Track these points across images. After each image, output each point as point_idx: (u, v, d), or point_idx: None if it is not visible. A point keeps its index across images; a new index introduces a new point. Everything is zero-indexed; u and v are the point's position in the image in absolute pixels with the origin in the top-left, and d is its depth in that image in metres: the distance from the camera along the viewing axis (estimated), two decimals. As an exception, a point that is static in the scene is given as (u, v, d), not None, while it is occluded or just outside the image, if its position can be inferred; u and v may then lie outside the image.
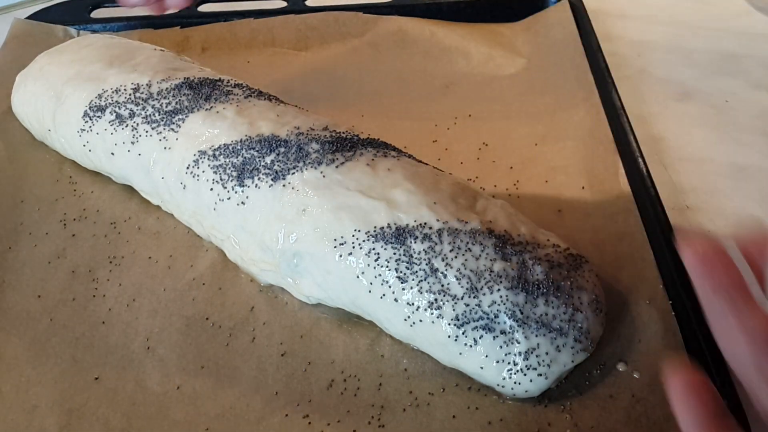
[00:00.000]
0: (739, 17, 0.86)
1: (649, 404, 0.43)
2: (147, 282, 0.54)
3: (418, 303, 0.44)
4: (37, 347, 0.50)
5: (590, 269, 0.47)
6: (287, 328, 0.50)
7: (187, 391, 0.46)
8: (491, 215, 0.48)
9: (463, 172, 0.61)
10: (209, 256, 0.55)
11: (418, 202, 0.47)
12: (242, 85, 0.60)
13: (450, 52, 0.78)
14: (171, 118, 0.56)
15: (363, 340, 0.49)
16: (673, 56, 0.80)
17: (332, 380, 0.47)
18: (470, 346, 0.43)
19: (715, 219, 0.59)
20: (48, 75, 0.63)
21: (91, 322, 0.51)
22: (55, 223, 0.59)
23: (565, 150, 0.63)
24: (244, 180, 0.51)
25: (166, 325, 0.51)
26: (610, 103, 0.65)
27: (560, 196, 0.59)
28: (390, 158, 0.51)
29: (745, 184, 0.62)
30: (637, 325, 0.47)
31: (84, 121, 0.59)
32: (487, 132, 0.67)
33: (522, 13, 0.81)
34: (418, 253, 0.45)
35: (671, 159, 0.65)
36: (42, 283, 0.54)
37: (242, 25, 0.81)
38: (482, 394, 0.45)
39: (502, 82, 0.73)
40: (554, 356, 0.43)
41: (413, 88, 0.74)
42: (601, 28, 0.78)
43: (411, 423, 0.44)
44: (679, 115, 0.71)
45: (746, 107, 0.72)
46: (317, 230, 0.47)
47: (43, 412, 0.46)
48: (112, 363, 0.48)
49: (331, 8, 0.81)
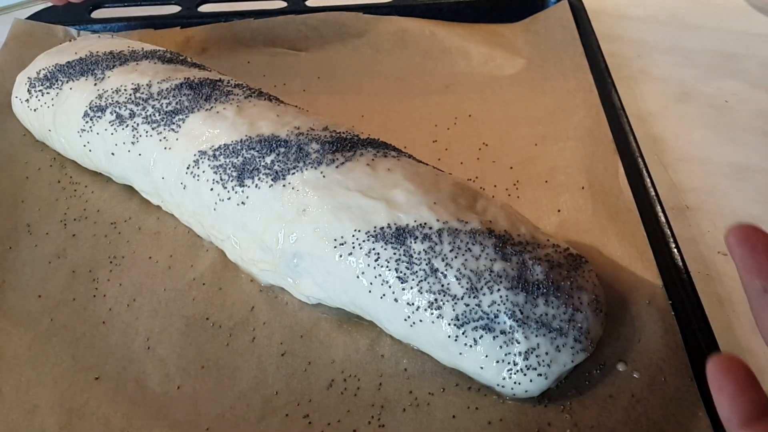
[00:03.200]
0: (739, 17, 0.86)
1: (649, 404, 0.43)
2: (147, 282, 0.54)
3: (418, 303, 0.44)
4: (37, 347, 0.50)
5: (590, 269, 0.47)
6: (287, 328, 0.50)
7: (187, 391, 0.47)
8: (491, 215, 0.48)
9: (463, 172, 0.61)
10: (209, 256, 0.55)
11: (418, 202, 0.47)
12: (242, 85, 0.60)
13: (450, 53, 0.78)
14: (171, 118, 0.56)
15: (363, 340, 0.49)
16: (673, 56, 0.80)
17: (332, 380, 0.47)
18: (470, 346, 0.43)
19: (715, 219, 0.59)
20: (48, 75, 0.63)
21: (92, 322, 0.51)
22: (55, 223, 0.59)
23: (565, 150, 0.63)
24: (245, 180, 0.51)
25: (166, 325, 0.51)
26: (610, 103, 0.65)
27: (560, 196, 0.59)
28: (390, 158, 0.51)
29: (745, 184, 0.62)
30: (637, 325, 0.47)
31: (84, 121, 0.59)
32: (487, 132, 0.67)
33: (522, 13, 0.81)
34: (418, 253, 0.45)
35: (671, 159, 0.65)
36: (42, 283, 0.54)
37: (242, 25, 0.81)
38: (482, 394, 0.45)
39: (502, 83, 0.73)
40: (554, 356, 0.43)
41: (413, 88, 0.74)
42: (601, 28, 0.78)
43: (411, 423, 0.44)
44: (679, 115, 0.71)
45: (746, 107, 0.72)
46: (317, 230, 0.48)
47: (43, 412, 0.46)
48: (112, 363, 0.48)
49: (331, 8, 0.81)
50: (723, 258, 0.56)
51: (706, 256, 0.56)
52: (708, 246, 0.57)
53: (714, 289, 0.53)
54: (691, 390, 0.43)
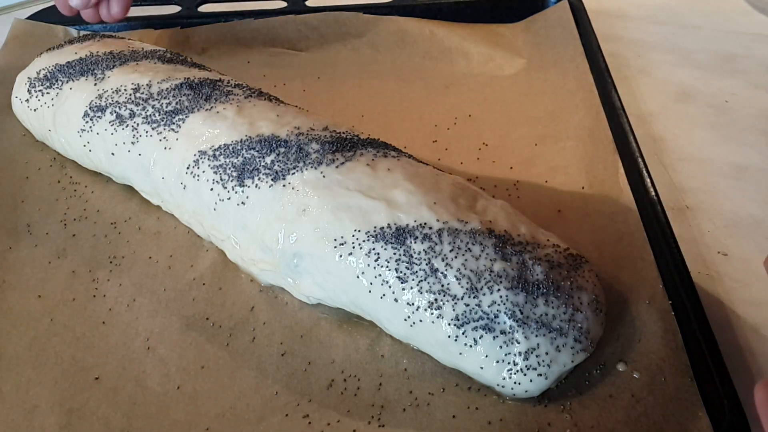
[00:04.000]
0: (739, 17, 0.86)
1: (649, 404, 0.43)
2: (147, 282, 0.54)
3: (418, 303, 0.44)
4: (37, 347, 0.50)
5: (590, 269, 0.47)
6: (287, 328, 0.50)
7: (187, 391, 0.47)
8: (491, 215, 0.48)
9: (463, 172, 0.61)
10: (209, 256, 0.55)
11: (418, 202, 0.47)
12: (242, 85, 0.60)
13: (450, 53, 0.78)
14: (171, 118, 0.56)
15: (363, 340, 0.49)
16: (673, 56, 0.80)
17: (332, 380, 0.47)
18: (470, 346, 0.43)
19: (715, 219, 0.59)
20: (48, 75, 0.63)
21: (92, 322, 0.51)
22: (55, 223, 0.59)
23: (565, 150, 0.63)
24: (244, 180, 0.51)
25: (166, 325, 0.51)
26: (610, 103, 0.65)
27: (560, 196, 0.59)
28: (390, 158, 0.51)
29: (745, 184, 0.62)
30: (637, 325, 0.47)
31: (84, 121, 0.59)
32: (487, 132, 0.67)
33: (522, 13, 0.81)
34: (418, 253, 0.45)
35: (671, 159, 0.65)
36: (42, 283, 0.54)
37: (242, 25, 0.81)
38: (482, 394, 0.45)
39: (502, 83, 0.73)
40: (554, 356, 0.43)
41: (413, 88, 0.74)
42: (601, 28, 0.78)
43: (411, 423, 0.44)
44: (679, 115, 0.71)
45: (746, 107, 0.72)
46: (317, 230, 0.48)
47: (44, 412, 0.46)
48: (112, 363, 0.48)
49: (331, 8, 0.81)
50: (723, 258, 0.56)
51: (706, 256, 0.56)
52: (708, 246, 0.57)
53: (714, 289, 0.53)
54: (691, 390, 0.43)
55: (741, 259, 0.55)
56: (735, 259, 0.55)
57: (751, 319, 0.51)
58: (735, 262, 0.55)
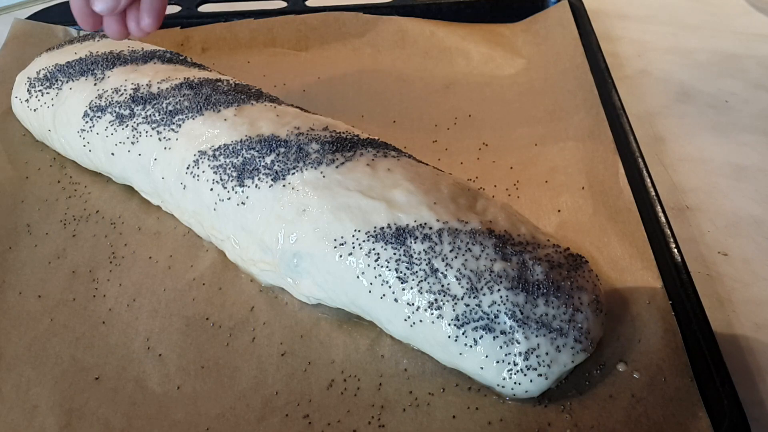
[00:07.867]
0: (739, 17, 0.86)
1: (649, 404, 0.43)
2: (147, 282, 0.54)
3: (418, 303, 0.44)
4: (37, 347, 0.50)
5: (590, 269, 0.47)
6: (287, 328, 0.50)
7: (187, 391, 0.46)
8: (491, 215, 0.48)
9: (463, 172, 0.61)
10: (209, 257, 0.55)
11: (418, 203, 0.47)
12: (242, 85, 0.60)
13: (450, 53, 0.78)
14: (171, 118, 0.56)
15: (363, 340, 0.49)
16: (673, 56, 0.80)
17: (332, 380, 0.47)
18: (470, 346, 0.43)
19: (714, 219, 0.59)
20: (48, 75, 0.63)
21: (92, 322, 0.51)
22: (55, 223, 0.59)
23: (565, 150, 0.63)
24: (244, 180, 0.51)
25: (166, 325, 0.51)
26: (610, 103, 0.65)
27: (560, 196, 0.59)
28: (390, 158, 0.51)
29: (745, 184, 0.62)
30: (637, 325, 0.47)
31: (84, 121, 0.59)
32: (487, 132, 0.67)
33: (522, 13, 0.81)
34: (418, 254, 0.45)
35: (671, 159, 0.65)
36: (42, 283, 0.54)
37: (242, 26, 0.81)
38: (482, 394, 0.45)
39: (502, 83, 0.73)
40: (554, 356, 0.43)
41: (413, 88, 0.74)
42: (601, 28, 0.78)
43: (411, 423, 0.44)
44: (679, 115, 0.71)
45: (746, 107, 0.72)
46: (317, 230, 0.48)
47: (43, 412, 0.46)
48: (112, 363, 0.48)
49: (331, 8, 0.81)
50: (723, 258, 0.56)
51: (706, 256, 0.56)
52: (708, 246, 0.57)
53: (714, 289, 0.53)
54: (691, 390, 0.43)
55: (741, 259, 0.55)
56: (735, 259, 0.55)
57: (751, 319, 0.51)
58: (735, 262, 0.55)
